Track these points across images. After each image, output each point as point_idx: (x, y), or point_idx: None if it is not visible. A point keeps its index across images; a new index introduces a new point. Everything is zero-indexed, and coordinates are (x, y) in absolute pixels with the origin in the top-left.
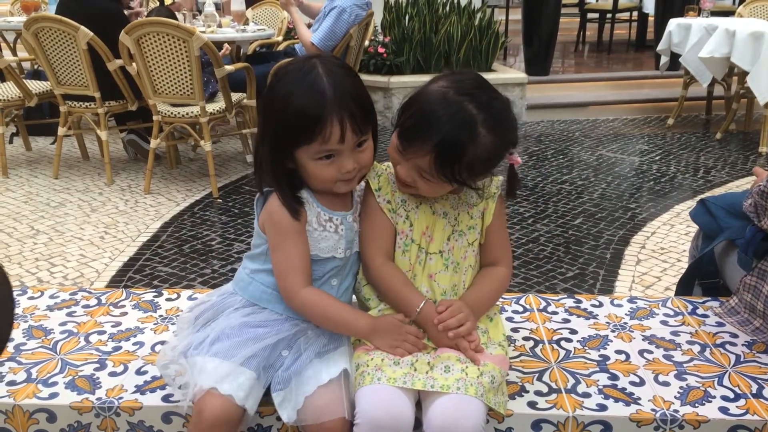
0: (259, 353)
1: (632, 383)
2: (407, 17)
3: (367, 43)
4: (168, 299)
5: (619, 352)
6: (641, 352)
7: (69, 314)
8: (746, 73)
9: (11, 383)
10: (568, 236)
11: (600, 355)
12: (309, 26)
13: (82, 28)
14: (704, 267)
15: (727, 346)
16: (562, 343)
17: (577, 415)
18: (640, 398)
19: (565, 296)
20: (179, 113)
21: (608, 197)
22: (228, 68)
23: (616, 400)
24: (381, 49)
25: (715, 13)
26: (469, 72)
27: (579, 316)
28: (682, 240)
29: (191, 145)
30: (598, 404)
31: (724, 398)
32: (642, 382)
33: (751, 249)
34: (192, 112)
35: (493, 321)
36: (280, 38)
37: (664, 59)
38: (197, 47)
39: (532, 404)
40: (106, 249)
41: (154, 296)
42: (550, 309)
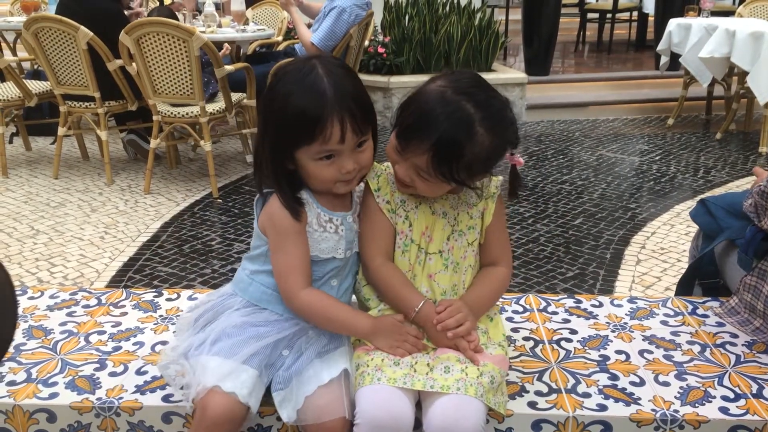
0: (261, 351)
1: (632, 383)
2: (407, 17)
3: (367, 43)
4: (168, 299)
5: (619, 352)
6: (641, 353)
7: (69, 314)
8: (746, 73)
9: (11, 383)
10: (568, 236)
11: (600, 355)
12: (309, 26)
13: (82, 28)
14: (704, 267)
15: (728, 346)
16: (562, 343)
17: (577, 415)
18: (640, 398)
19: (565, 296)
20: (179, 113)
21: (608, 197)
22: (228, 68)
23: (617, 400)
24: (381, 49)
25: (715, 13)
26: (468, 71)
27: (579, 316)
28: (682, 240)
29: (191, 145)
30: (598, 404)
31: (725, 398)
32: (642, 383)
33: (751, 249)
34: (192, 112)
35: (493, 321)
36: (280, 38)
37: (664, 59)
38: (197, 47)
39: (532, 404)
40: (106, 249)
41: (154, 296)
42: (550, 309)
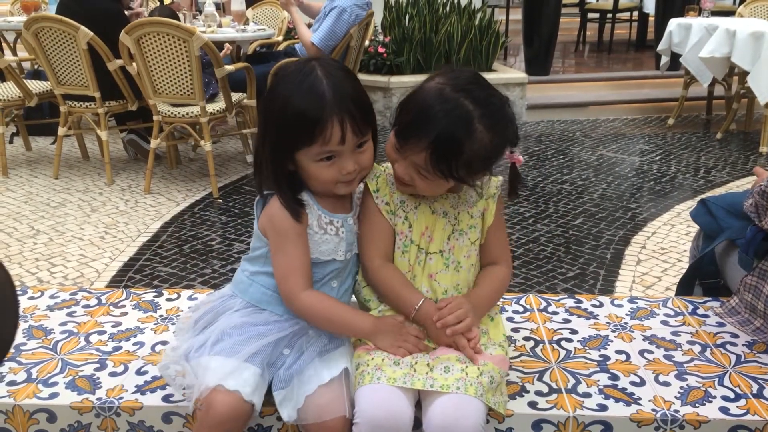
0: (262, 350)
1: (633, 383)
2: (407, 17)
3: (367, 43)
4: (168, 299)
5: (619, 352)
6: (642, 352)
7: (69, 314)
8: (747, 73)
9: (11, 383)
10: (568, 236)
11: (600, 355)
12: (309, 26)
13: (82, 28)
14: (705, 267)
15: (728, 346)
16: (563, 343)
17: (577, 415)
18: (640, 398)
19: (566, 296)
20: (179, 113)
21: (609, 197)
22: (228, 68)
23: (617, 400)
24: (381, 49)
25: (715, 13)
26: (466, 69)
27: (579, 316)
28: (682, 240)
29: (191, 145)
30: (598, 404)
31: (725, 398)
32: (642, 382)
33: (751, 249)
34: (192, 112)
35: (494, 321)
36: (280, 38)
37: (664, 59)
38: (197, 47)
39: (532, 404)
40: (106, 249)
41: (155, 296)
42: (550, 309)
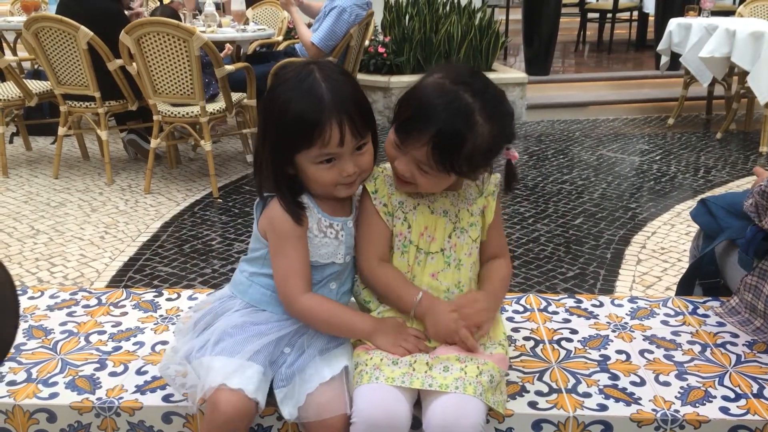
0: (264, 348)
1: (633, 383)
2: (407, 17)
3: (367, 42)
4: (168, 299)
5: (619, 352)
6: (642, 352)
7: (69, 314)
8: (746, 73)
9: (11, 383)
10: (568, 236)
11: (600, 355)
12: (309, 26)
13: (82, 27)
14: (705, 267)
15: (728, 346)
16: (563, 343)
17: (577, 415)
18: (640, 398)
19: (566, 296)
20: (179, 113)
21: (609, 197)
22: (228, 68)
23: (617, 400)
24: (381, 49)
25: (715, 13)
26: (464, 65)
27: (579, 316)
28: (682, 240)
29: (191, 144)
30: (598, 404)
31: (725, 398)
32: (642, 382)
33: (751, 249)
34: (192, 112)
35: (495, 319)
36: (280, 38)
37: (664, 59)
38: (197, 47)
39: (532, 404)
40: (106, 249)
41: (155, 296)
42: (550, 309)
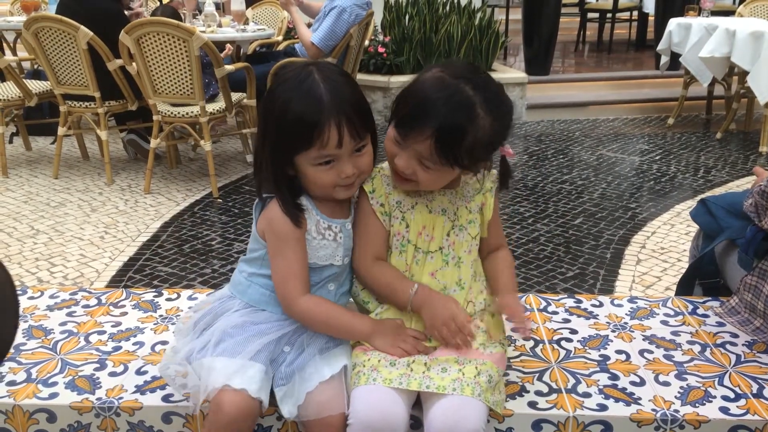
0: (265, 348)
1: (633, 383)
2: (407, 17)
3: (367, 42)
4: (168, 299)
5: (619, 352)
6: (641, 352)
7: (69, 314)
8: (746, 73)
9: (11, 383)
10: (568, 236)
11: (600, 355)
12: (309, 26)
13: (82, 27)
14: (705, 267)
15: (728, 346)
16: (563, 343)
17: (577, 415)
18: (640, 398)
19: (566, 296)
20: (179, 113)
21: (608, 197)
22: (228, 68)
23: (617, 400)
24: (381, 49)
25: (715, 13)
26: (462, 60)
27: (579, 316)
28: (682, 240)
29: (191, 144)
30: (598, 404)
31: (725, 398)
32: (642, 382)
33: (751, 249)
34: (192, 111)
35: (495, 317)
36: (280, 38)
37: (664, 59)
38: (197, 47)
39: (532, 404)
40: (106, 249)
41: (154, 296)
42: (550, 309)
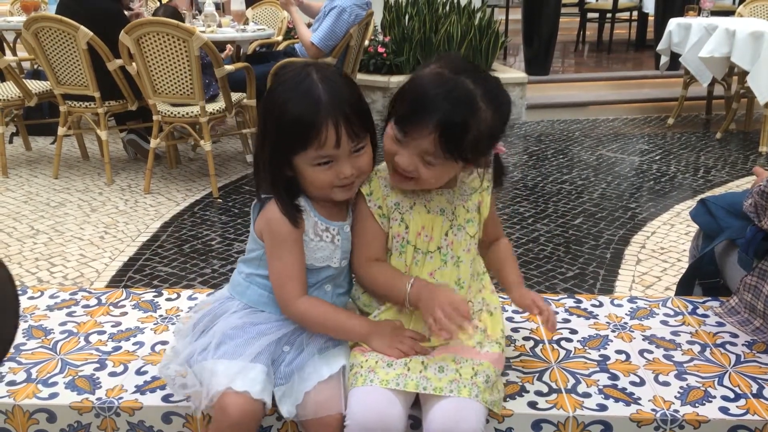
0: (266, 349)
1: (632, 383)
2: (407, 17)
3: (367, 42)
4: (168, 299)
5: (619, 352)
6: (641, 352)
7: (69, 314)
8: (746, 73)
9: (11, 383)
10: (568, 236)
11: (600, 355)
12: (309, 26)
13: (82, 27)
14: (704, 267)
15: (728, 346)
16: (563, 343)
17: (577, 415)
18: (640, 398)
19: (566, 296)
20: (179, 113)
21: (608, 197)
22: (228, 68)
23: (617, 400)
24: (381, 49)
25: (715, 13)
26: (456, 55)
27: (579, 316)
28: (682, 240)
29: (191, 144)
30: (598, 404)
31: (725, 398)
32: (642, 382)
33: (751, 249)
34: (192, 111)
35: (493, 316)
36: (280, 38)
37: (664, 59)
38: (197, 47)
39: (532, 404)
40: (106, 249)
41: (154, 296)
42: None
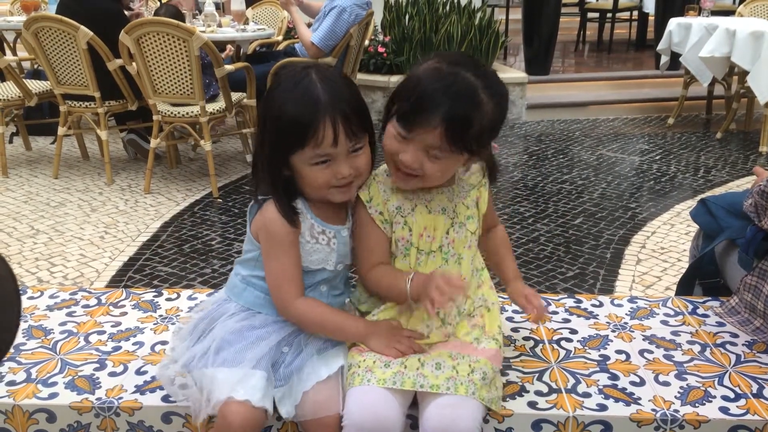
0: (266, 354)
1: (632, 383)
2: (407, 17)
3: (367, 42)
4: (168, 299)
5: (619, 352)
6: (641, 352)
7: (69, 314)
8: (746, 73)
9: (11, 383)
10: (568, 236)
11: (600, 355)
12: (309, 26)
13: (82, 27)
14: (705, 267)
15: (728, 346)
16: (563, 343)
17: (577, 415)
18: (640, 398)
19: (566, 296)
20: (179, 113)
21: (608, 197)
22: (228, 68)
23: (617, 400)
24: (381, 49)
25: (715, 13)
26: (452, 51)
27: (579, 315)
28: (682, 240)
29: (191, 144)
30: (598, 404)
31: (725, 398)
32: (642, 382)
33: (751, 249)
34: (192, 111)
35: (491, 311)
36: (280, 38)
37: (664, 59)
38: (197, 47)
39: (532, 404)
40: (106, 249)
41: (154, 296)
42: (550, 309)
